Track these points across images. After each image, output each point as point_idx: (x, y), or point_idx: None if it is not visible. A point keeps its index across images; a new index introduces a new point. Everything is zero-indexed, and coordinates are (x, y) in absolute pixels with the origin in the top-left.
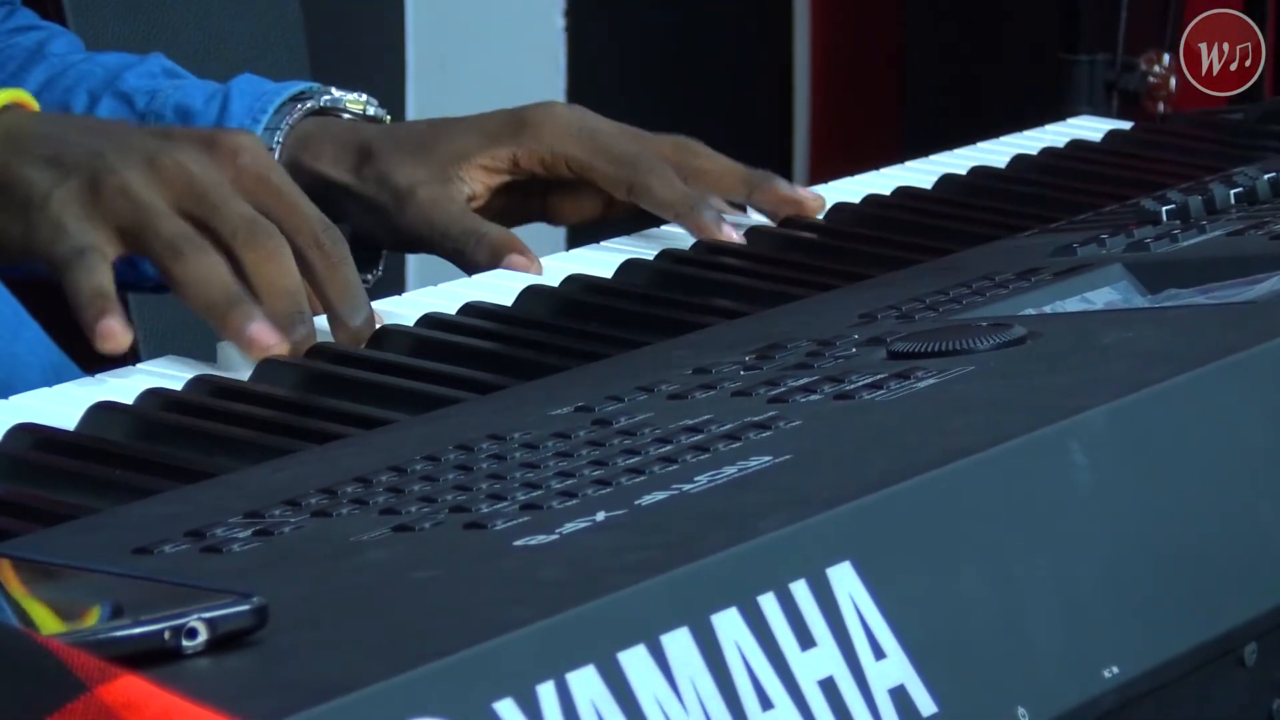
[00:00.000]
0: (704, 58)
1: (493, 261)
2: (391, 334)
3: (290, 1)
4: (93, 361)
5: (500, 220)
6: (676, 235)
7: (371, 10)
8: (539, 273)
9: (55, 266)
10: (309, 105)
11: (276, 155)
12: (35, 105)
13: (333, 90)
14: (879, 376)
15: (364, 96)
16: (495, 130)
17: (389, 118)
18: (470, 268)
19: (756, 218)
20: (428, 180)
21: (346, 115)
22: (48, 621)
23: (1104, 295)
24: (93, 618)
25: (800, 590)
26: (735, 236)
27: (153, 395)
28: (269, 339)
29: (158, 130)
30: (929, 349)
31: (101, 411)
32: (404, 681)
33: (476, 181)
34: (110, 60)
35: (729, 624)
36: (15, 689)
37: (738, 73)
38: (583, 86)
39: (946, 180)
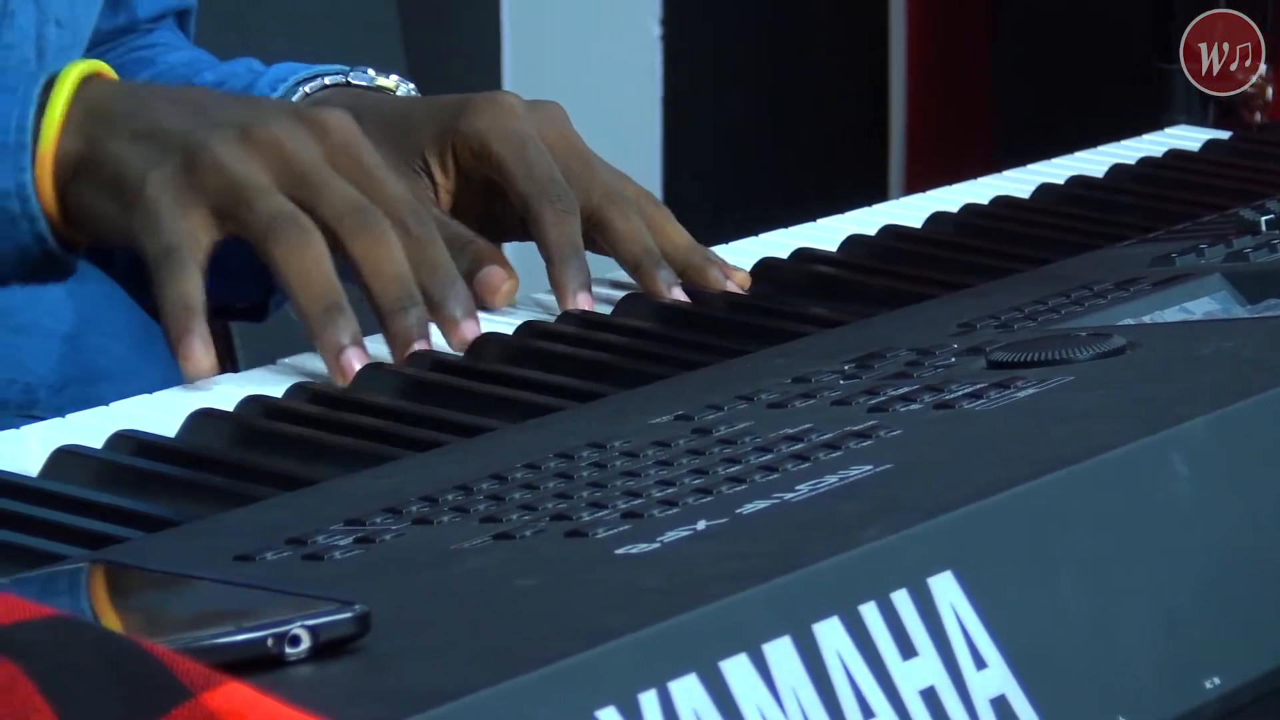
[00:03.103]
0: (799, 67)
1: (469, 274)
2: (491, 342)
3: (387, 11)
4: None
5: (487, 230)
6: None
7: (467, 20)
8: (514, 289)
9: (147, 262)
10: (327, 81)
11: None
12: (114, 75)
13: (369, 71)
14: (979, 386)
15: (396, 78)
16: (442, 112)
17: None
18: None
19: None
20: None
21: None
22: (152, 628)
23: (1203, 305)
24: (196, 624)
25: (902, 600)
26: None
27: (253, 402)
28: (355, 367)
29: (248, 100)
30: (1029, 358)
31: (202, 419)
32: (506, 689)
33: (435, 175)
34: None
35: (831, 633)
36: (122, 695)
37: (833, 81)
38: (679, 95)
39: (1045, 190)
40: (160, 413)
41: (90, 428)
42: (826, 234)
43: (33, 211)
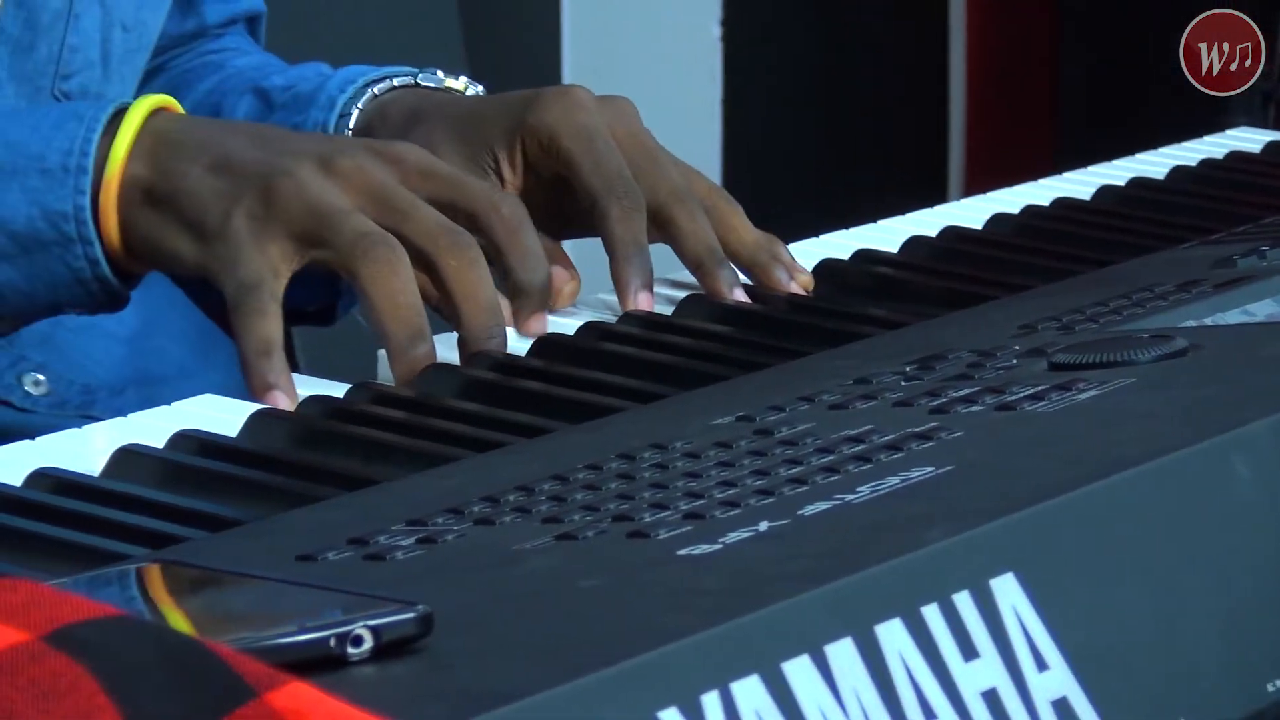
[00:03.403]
0: (859, 67)
1: None
2: (552, 343)
3: (448, 13)
4: None
5: (553, 224)
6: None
7: (528, 21)
8: (576, 290)
9: (226, 298)
10: (395, 82)
11: (352, 123)
12: (180, 109)
13: (438, 73)
14: (1040, 388)
15: (465, 79)
16: (511, 107)
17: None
18: None
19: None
20: (461, 171)
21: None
22: (215, 627)
23: (1265, 307)
24: (259, 624)
25: (963, 601)
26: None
27: (314, 402)
28: None
29: (319, 135)
30: (1090, 360)
31: (263, 419)
32: (568, 690)
33: (503, 170)
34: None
35: (892, 634)
36: (185, 694)
37: (892, 82)
38: (738, 96)
39: (1105, 191)
40: (222, 412)
41: (152, 427)
42: (887, 235)
43: (89, 236)
